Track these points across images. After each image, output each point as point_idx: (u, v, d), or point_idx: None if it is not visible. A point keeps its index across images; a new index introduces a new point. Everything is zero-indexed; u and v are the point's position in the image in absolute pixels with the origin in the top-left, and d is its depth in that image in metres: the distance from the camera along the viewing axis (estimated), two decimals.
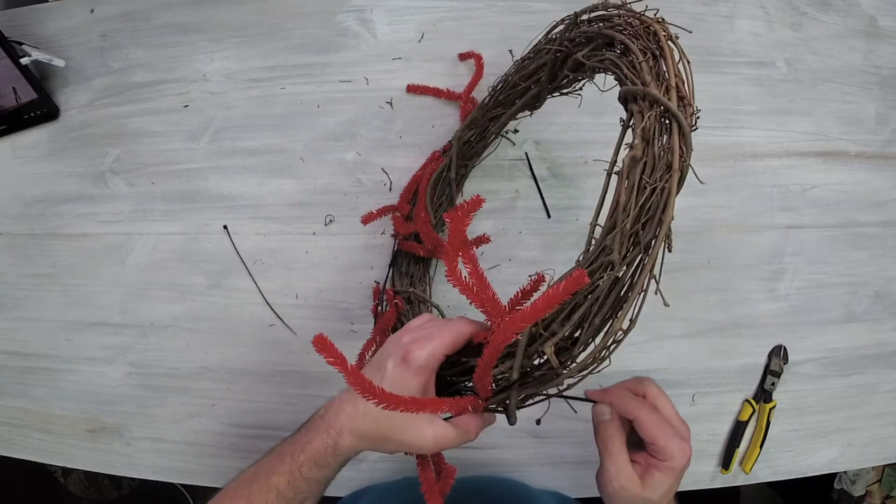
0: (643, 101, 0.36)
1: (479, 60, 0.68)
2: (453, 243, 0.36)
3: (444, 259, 0.37)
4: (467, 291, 0.36)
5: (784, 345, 0.66)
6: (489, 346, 0.35)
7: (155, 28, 0.72)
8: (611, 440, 0.40)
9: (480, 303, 0.36)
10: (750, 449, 0.65)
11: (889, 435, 0.67)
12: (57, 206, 0.70)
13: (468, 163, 0.64)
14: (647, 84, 0.36)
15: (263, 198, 0.68)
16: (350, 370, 0.32)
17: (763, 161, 0.69)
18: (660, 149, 0.34)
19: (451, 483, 0.40)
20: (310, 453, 0.39)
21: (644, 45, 0.39)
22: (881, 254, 0.69)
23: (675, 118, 0.34)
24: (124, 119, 0.71)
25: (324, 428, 0.39)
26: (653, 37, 0.39)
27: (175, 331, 0.67)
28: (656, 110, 0.35)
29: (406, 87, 0.69)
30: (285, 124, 0.69)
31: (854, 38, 0.72)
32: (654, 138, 0.35)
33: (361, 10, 0.71)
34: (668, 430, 0.39)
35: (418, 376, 0.37)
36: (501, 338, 0.33)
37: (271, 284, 0.67)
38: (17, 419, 0.68)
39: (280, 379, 0.66)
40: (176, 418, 0.66)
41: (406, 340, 0.39)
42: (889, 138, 0.71)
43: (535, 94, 0.55)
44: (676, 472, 0.39)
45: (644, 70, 0.37)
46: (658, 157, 0.34)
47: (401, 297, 0.58)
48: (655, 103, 0.35)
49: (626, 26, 0.41)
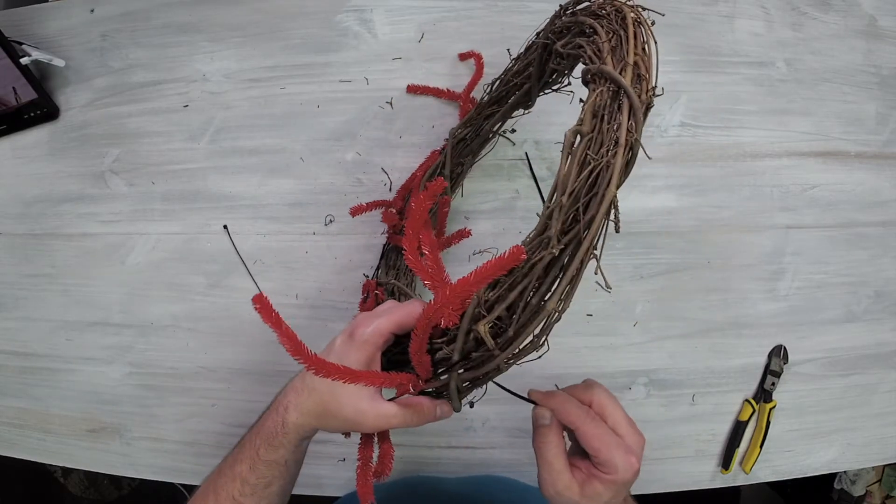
0: (600, 79, 0.35)
1: (478, 60, 0.68)
2: (413, 224, 0.36)
3: (404, 242, 0.36)
4: (421, 272, 0.36)
5: (784, 345, 0.66)
6: (422, 315, 0.34)
7: (155, 28, 0.72)
8: (546, 446, 0.38)
9: (433, 286, 0.35)
10: (750, 449, 0.65)
11: (889, 435, 0.67)
12: (57, 206, 0.70)
13: (464, 161, 0.64)
14: (605, 62, 0.35)
15: (263, 198, 0.68)
16: (284, 330, 0.33)
17: (763, 161, 0.69)
18: (609, 125, 0.33)
19: (390, 466, 0.39)
20: (264, 435, 0.39)
21: (610, 27, 0.38)
22: (881, 254, 0.69)
23: (627, 94, 0.33)
24: (124, 119, 0.71)
25: (274, 407, 0.39)
26: (621, 20, 0.38)
27: (175, 331, 0.67)
28: (609, 87, 0.34)
29: (406, 87, 0.69)
30: (285, 124, 0.69)
31: (854, 38, 0.72)
32: (607, 112, 0.33)
33: (361, 10, 0.71)
34: (612, 443, 0.37)
35: (360, 351, 0.37)
36: (434, 308, 0.33)
37: (271, 284, 0.67)
38: (17, 419, 0.68)
39: (280, 379, 0.66)
40: (176, 418, 0.66)
41: (356, 320, 0.39)
42: (889, 138, 0.71)
43: (526, 91, 0.55)
44: (619, 484, 0.37)
45: (605, 51, 0.36)
46: (607, 133, 0.33)
47: (382, 289, 0.58)
48: (610, 81, 0.34)
49: (600, 13, 0.41)
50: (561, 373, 0.65)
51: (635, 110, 0.33)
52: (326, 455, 0.66)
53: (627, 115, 0.33)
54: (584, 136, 0.33)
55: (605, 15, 0.40)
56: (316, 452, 0.65)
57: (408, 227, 0.37)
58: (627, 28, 0.37)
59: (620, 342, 0.66)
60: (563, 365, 0.64)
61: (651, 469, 0.65)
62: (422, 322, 0.34)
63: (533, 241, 0.33)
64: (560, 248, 0.31)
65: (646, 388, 0.66)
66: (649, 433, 0.66)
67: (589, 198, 0.31)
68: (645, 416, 0.65)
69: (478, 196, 0.67)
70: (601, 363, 0.66)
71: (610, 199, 0.31)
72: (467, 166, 0.66)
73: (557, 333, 0.66)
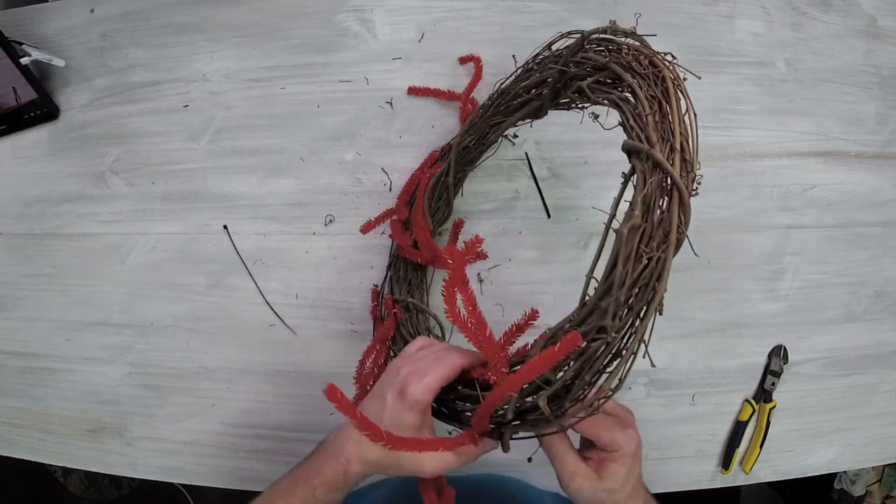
0: (647, 162, 0.36)
1: (477, 63, 0.68)
2: (452, 281, 0.38)
3: (444, 298, 0.38)
4: (465, 329, 0.38)
5: (784, 345, 0.66)
6: (488, 399, 0.37)
7: (155, 28, 0.72)
8: (553, 445, 0.41)
9: (477, 342, 0.37)
10: (750, 449, 0.65)
11: (889, 435, 0.67)
12: (57, 206, 0.70)
13: (466, 168, 0.64)
14: (653, 144, 0.36)
15: (263, 198, 0.68)
16: (360, 418, 0.36)
17: (763, 161, 0.69)
18: (659, 215, 0.34)
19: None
20: (322, 479, 0.41)
21: (651, 92, 0.38)
22: (881, 254, 0.69)
23: (677, 187, 0.34)
24: (124, 119, 0.71)
25: (333, 455, 0.41)
26: (660, 81, 0.39)
27: (175, 331, 0.67)
28: (658, 175, 0.35)
29: (407, 89, 0.69)
30: (285, 124, 0.69)
31: (854, 38, 0.72)
32: (654, 201, 0.35)
33: (361, 10, 0.71)
34: (608, 424, 0.40)
35: (414, 411, 0.39)
36: (499, 394, 0.36)
37: (271, 284, 0.67)
38: (17, 419, 0.68)
39: (280, 379, 0.66)
40: (176, 418, 0.66)
41: (403, 373, 0.41)
42: (889, 138, 0.71)
43: (537, 107, 0.55)
44: (630, 457, 0.40)
45: (650, 125, 0.37)
46: (656, 224, 0.34)
47: (399, 307, 0.58)
48: (658, 166, 0.35)
49: (633, 60, 0.41)
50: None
51: (686, 205, 0.34)
52: None
53: (678, 209, 0.34)
54: (637, 229, 0.34)
55: (641, 71, 0.40)
56: None
57: (448, 286, 0.38)
58: (670, 99, 0.37)
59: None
60: None
61: (651, 469, 0.65)
62: (488, 403, 0.37)
63: (586, 322, 0.35)
64: (615, 336, 0.34)
65: (646, 388, 0.65)
66: (649, 433, 0.66)
67: (639, 288, 0.34)
68: (645, 416, 0.65)
69: (478, 196, 0.67)
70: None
71: (662, 294, 0.33)
72: (468, 172, 0.66)
73: None
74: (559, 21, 0.70)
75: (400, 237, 0.60)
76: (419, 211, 0.60)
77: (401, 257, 0.63)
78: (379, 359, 0.57)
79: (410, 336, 0.56)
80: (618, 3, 0.70)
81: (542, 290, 0.66)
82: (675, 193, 0.34)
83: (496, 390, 0.36)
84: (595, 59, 0.45)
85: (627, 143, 0.38)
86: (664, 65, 0.40)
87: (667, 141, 0.36)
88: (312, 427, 0.66)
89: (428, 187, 0.61)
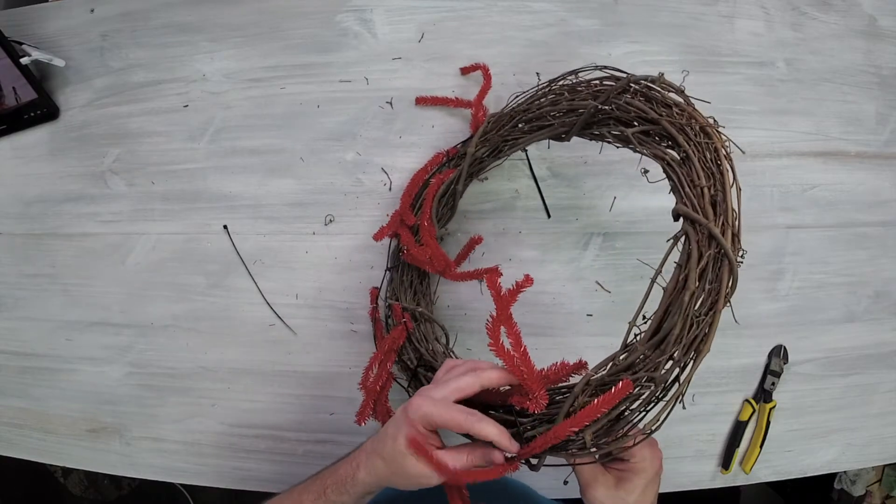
0: (702, 233, 0.39)
1: (486, 71, 0.67)
2: (497, 320, 0.40)
3: (489, 333, 0.41)
4: (510, 364, 0.40)
5: (784, 345, 0.66)
6: (542, 440, 0.40)
7: (155, 28, 0.72)
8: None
9: (521, 378, 0.40)
10: (750, 449, 0.65)
11: (889, 435, 0.67)
12: (57, 206, 0.70)
13: (473, 175, 0.64)
14: (709, 218, 0.39)
15: (263, 198, 0.68)
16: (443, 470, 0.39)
17: (763, 161, 0.69)
18: (707, 280, 0.38)
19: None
20: (335, 478, 0.43)
21: (704, 164, 0.41)
22: (881, 254, 0.69)
23: (729, 261, 0.38)
24: (124, 119, 0.71)
25: (350, 459, 0.44)
26: (713, 152, 0.42)
27: (175, 331, 0.67)
28: (714, 249, 0.39)
29: (415, 99, 0.68)
30: (285, 124, 0.69)
31: (854, 38, 0.72)
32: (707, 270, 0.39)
33: (361, 10, 0.71)
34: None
35: (411, 427, 0.41)
36: (553, 437, 0.39)
37: (271, 284, 0.67)
38: (17, 419, 0.68)
39: (280, 379, 0.66)
40: (176, 418, 0.66)
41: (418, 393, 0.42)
42: (889, 138, 0.70)
43: (562, 132, 0.56)
44: (651, 472, 0.43)
45: (706, 197, 0.40)
46: (705, 287, 0.38)
47: (409, 316, 0.58)
48: (712, 239, 0.39)
49: (685, 122, 0.43)
50: None
51: (734, 277, 0.38)
52: (327, 455, 0.66)
53: (727, 279, 0.38)
54: (690, 292, 0.38)
55: (693, 137, 0.42)
56: (316, 452, 0.66)
57: (494, 323, 0.40)
58: (724, 175, 0.41)
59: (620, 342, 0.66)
60: None
61: None
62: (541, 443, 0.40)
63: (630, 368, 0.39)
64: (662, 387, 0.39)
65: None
66: None
67: (686, 347, 0.37)
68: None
69: (478, 196, 0.67)
70: None
71: (704, 356, 0.37)
72: (476, 178, 0.66)
73: (558, 333, 0.66)
74: (559, 21, 0.70)
75: (413, 247, 0.60)
76: (426, 216, 0.59)
77: (406, 263, 0.63)
78: (387, 366, 0.56)
79: (419, 343, 0.56)
80: (618, 3, 0.70)
81: (542, 289, 0.66)
82: (725, 265, 0.38)
83: (548, 435, 0.39)
84: (642, 108, 0.47)
85: (682, 210, 0.41)
86: (717, 135, 0.43)
87: (719, 215, 0.40)
88: (312, 427, 0.66)
89: (436, 196, 0.61)
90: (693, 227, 0.40)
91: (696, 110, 0.46)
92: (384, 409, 0.55)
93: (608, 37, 0.70)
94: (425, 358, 0.55)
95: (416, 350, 0.56)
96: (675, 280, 0.40)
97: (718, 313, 0.37)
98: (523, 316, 0.63)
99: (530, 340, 0.42)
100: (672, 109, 0.46)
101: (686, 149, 0.43)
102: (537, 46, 0.69)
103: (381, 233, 0.63)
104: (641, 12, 0.70)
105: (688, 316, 0.38)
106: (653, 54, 0.69)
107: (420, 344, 0.56)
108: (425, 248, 0.58)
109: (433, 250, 0.57)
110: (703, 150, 0.42)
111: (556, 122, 0.56)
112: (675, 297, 0.39)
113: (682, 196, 0.42)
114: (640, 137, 0.47)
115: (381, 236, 0.63)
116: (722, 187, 0.40)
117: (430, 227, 0.59)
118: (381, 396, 0.55)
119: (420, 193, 0.64)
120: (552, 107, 0.56)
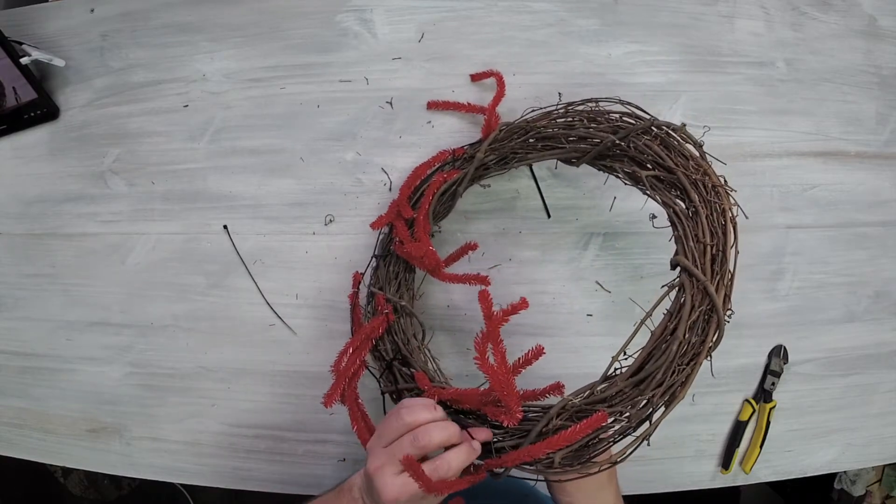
0: (697, 288, 0.41)
1: (500, 78, 0.66)
2: (486, 338, 0.42)
3: (476, 348, 0.42)
4: (493, 380, 0.42)
5: (784, 345, 0.66)
6: (515, 456, 0.43)
7: (155, 28, 0.72)
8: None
9: (502, 394, 0.42)
10: (750, 449, 0.65)
11: (889, 435, 0.67)
12: (57, 206, 0.70)
13: (476, 179, 0.64)
14: (707, 276, 0.41)
15: (263, 198, 0.68)
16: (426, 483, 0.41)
17: (763, 161, 0.69)
18: (695, 332, 0.41)
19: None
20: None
21: (711, 222, 0.43)
22: (881, 254, 0.69)
23: (718, 319, 0.40)
24: (124, 119, 0.71)
25: (345, 484, 0.48)
26: (720, 212, 0.44)
27: (175, 331, 0.67)
28: (707, 306, 0.41)
29: (427, 103, 0.68)
30: (285, 124, 0.69)
31: (854, 38, 0.72)
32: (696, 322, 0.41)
33: (361, 10, 0.71)
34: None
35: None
36: (526, 454, 0.42)
37: (271, 284, 0.67)
38: (17, 419, 0.68)
39: (280, 379, 0.66)
40: (176, 418, 0.66)
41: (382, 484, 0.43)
42: (889, 138, 0.70)
43: (575, 157, 0.57)
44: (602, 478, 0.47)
45: (707, 256, 0.42)
46: (691, 340, 0.40)
47: (391, 307, 0.58)
48: (706, 296, 0.41)
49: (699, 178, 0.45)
50: (561, 373, 0.64)
51: (721, 334, 0.41)
52: (327, 455, 0.66)
53: (712, 334, 0.40)
54: (678, 342, 0.40)
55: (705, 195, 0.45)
56: (316, 452, 0.66)
57: (483, 341, 0.42)
58: (727, 237, 0.43)
59: (620, 342, 0.66)
60: (563, 365, 0.64)
61: (651, 469, 0.65)
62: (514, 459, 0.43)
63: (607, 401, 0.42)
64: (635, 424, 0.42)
65: None
66: None
67: (665, 390, 0.41)
68: None
69: (478, 196, 0.67)
70: (601, 363, 0.66)
71: (682, 398, 0.40)
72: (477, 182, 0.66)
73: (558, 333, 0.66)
74: (559, 21, 0.70)
75: (408, 241, 0.60)
76: (423, 211, 0.59)
77: (395, 254, 0.63)
78: (361, 353, 0.56)
79: (396, 336, 0.56)
80: (618, 3, 0.70)
81: (542, 289, 0.66)
82: (713, 321, 0.40)
83: (522, 453, 0.42)
84: (659, 153, 0.49)
85: (683, 262, 0.43)
86: (727, 197, 0.45)
87: (717, 275, 0.42)
88: (312, 427, 0.66)
89: (436, 194, 0.61)
90: (690, 281, 0.42)
91: (710, 168, 0.47)
92: (353, 395, 0.54)
93: (608, 37, 0.70)
94: (402, 352, 0.55)
95: (393, 342, 0.56)
96: (663, 326, 0.42)
97: (699, 365, 0.40)
98: (523, 316, 0.63)
99: (530, 340, 0.42)
100: (689, 161, 0.47)
101: (696, 204, 0.44)
102: (537, 46, 0.69)
103: (378, 221, 0.63)
104: (641, 12, 0.70)
105: (671, 363, 0.40)
106: (653, 54, 0.69)
107: (398, 336, 0.56)
108: (420, 244, 0.58)
109: (427, 248, 0.57)
110: (710, 208, 0.44)
111: (570, 146, 0.56)
112: (659, 343, 0.41)
113: (685, 248, 0.44)
114: (652, 181, 0.48)
115: (378, 225, 0.63)
116: (723, 248, 0.42)
117: (425, 223, 0.59)
118: (351, 382, 0.55)
119: (420, 188, 0.64)
120: (567, 129, 0.56)
